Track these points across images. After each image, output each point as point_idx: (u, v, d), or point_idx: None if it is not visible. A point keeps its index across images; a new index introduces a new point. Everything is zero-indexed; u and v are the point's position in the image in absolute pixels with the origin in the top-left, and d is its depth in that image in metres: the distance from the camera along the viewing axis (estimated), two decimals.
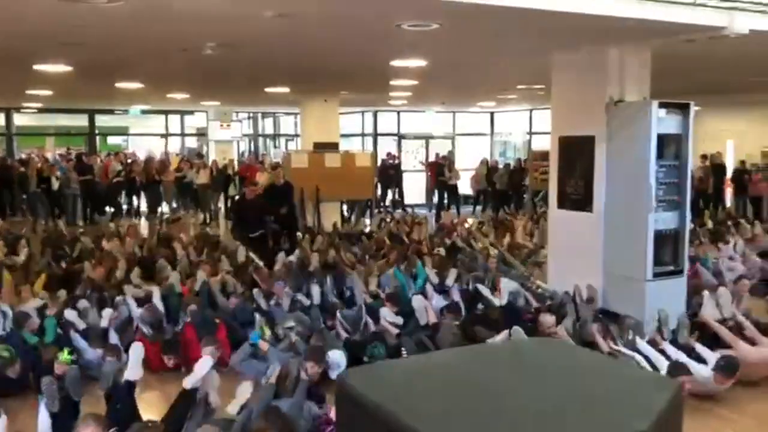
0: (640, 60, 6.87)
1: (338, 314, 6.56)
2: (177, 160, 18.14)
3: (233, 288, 7.67)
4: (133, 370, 4.71)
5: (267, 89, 12.46)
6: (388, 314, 6.58)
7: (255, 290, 7.44)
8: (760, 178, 15.48)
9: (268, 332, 6.22)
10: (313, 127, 13.88)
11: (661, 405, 1.45)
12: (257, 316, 6.53)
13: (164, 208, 16.94)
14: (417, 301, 6.77)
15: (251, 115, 23.09)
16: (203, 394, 4.62)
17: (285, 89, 12.49)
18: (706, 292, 6.81)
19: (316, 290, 7.22)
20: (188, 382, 4.54)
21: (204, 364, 4.63)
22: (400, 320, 6.53)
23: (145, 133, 22.71)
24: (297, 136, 19.76)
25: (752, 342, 6.05)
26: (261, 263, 8.67)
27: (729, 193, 16.75)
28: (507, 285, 7.32)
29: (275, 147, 23.69)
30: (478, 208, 17.97)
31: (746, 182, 15.72)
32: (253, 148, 23.30)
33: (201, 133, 21.78)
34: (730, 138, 17.79)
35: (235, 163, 18.24)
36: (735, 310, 6.60)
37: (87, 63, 8.47)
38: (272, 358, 5.61)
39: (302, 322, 6.42)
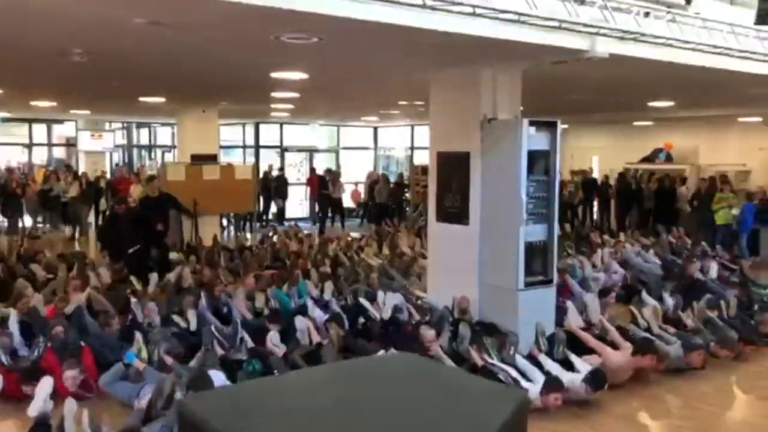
0: (512, 80, 7.17)
1: (213, 329, 6.35)
2: (42, 172, 17.00)
3: (101, 307, 7.26)
4: None
5: (141, 99, 11.95)
6: (275, 338, 6.42)
7: (133, 301, 7.16)
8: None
9: (145, 352, 5.93)
10: (190, 139, 13.46)
11: (503, 417, 1.47)
12: (137, 333, 6.16)
13: (27, 223, 15.81)
14: (299, 322, 6.69)
15: (125, 125, 22.08)
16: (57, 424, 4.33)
17: (160, 99, 12.04)
18: (569, 302, 7.16)
19: (192, 314, 6.94)
20: (33, 409, 4.25)
21: (44, 385, 4.35)
22: (283, 348, 6.38)
23: (7, 143, 21.12)
24: (174, 147, 19.08)
25: (615, 347, 6.44)
26: (139, 285, 8.29)
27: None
28: (390, 299, 7.40)
29: (151, 159, 22.77)
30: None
31: (610, 196, 16.84)
32: (127, 160, 22.27)
33: (70, 144, 20.58)
34: (595, 154, 19.02)
35: (108, 175, 17.35)
36: (601, 316, 6.98)
37: None
38: (148, 378, 5.37)
39: (170, 340, 6.20)
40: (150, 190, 10.16)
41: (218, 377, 5.33)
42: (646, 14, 6.15)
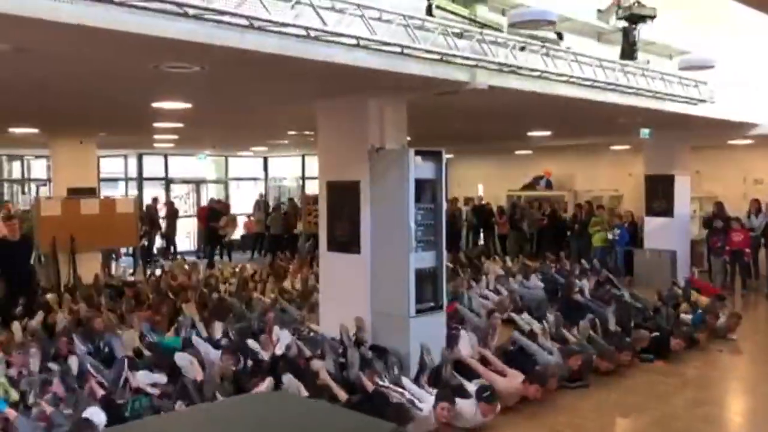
0: (397, 110, 7.27)
1: (90, 368, 5.93)
2: None
3: None
4: None
5: (11, 129, 11.21)
6: (145, 376, 6.08)
7: None
8: (506, 219, 17.24)
9: (14, 394, 5.46)
10: (67, 171, 12.69)
11: None
12: None
13: None
14: (180, 359, 6.40)
15: None
16: None
17: (33, 130, 11.35)
18: (462, 331, 7.32)
19: (73, 360, 6.44)
20: None
21: None
22: (164, 379, 6.07)
23: None
24: (49, 180, 17.98)
25: (502, 374, 6.58)
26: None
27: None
28: (283, 336, 7.21)
29: (24, 193, 21.35)
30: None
31: (494, 222, 17.47)
32: None
33: None
34: (480, 182, 19.68)
35: None
36: (481, 348, 7.11)
37: None
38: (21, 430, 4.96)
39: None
40: (9, 233, 9.02)
41: (97, 416, 5.01)
42: (522, 48, 6.46)
